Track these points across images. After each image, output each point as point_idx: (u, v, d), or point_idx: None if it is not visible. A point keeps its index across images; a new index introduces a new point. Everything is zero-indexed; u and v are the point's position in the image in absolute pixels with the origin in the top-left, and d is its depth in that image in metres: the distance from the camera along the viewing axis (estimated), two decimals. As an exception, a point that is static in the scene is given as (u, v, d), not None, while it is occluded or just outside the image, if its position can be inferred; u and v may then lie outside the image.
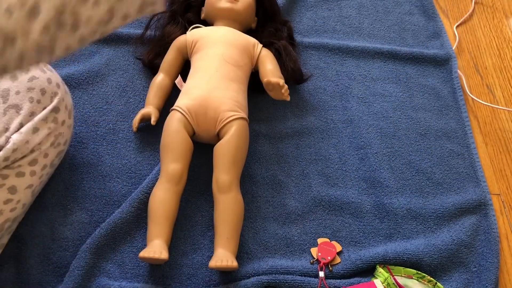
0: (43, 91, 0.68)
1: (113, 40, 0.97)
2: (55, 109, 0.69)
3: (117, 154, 0.84)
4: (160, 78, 0.89)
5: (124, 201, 0.78)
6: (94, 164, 0.83)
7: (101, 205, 0.79)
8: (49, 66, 0.72)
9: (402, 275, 0.76)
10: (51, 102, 0.69)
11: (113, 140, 0.86)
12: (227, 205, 0.74)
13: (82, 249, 0.72)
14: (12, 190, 0.65)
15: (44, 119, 0.68)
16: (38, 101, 0.67)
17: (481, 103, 1.01)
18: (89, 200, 0.79)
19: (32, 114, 0.66)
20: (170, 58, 0.90)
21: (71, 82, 0.91)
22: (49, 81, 0.70)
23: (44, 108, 0.68)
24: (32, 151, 0.66)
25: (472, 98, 1.01)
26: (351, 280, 0.75)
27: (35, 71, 0.68)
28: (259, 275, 0.73)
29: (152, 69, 0.93)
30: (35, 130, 0.66)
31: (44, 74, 0.69)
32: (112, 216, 0.76)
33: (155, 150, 0.84)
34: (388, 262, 0.77)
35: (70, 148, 0.83)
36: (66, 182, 0.80)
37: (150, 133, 0.86)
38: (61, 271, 0.72)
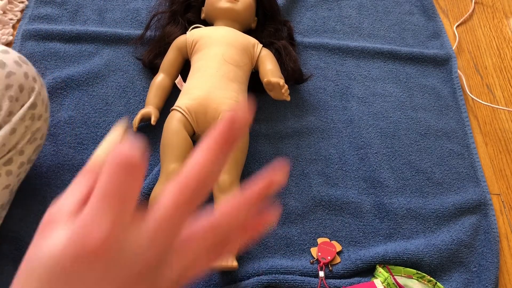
0: (21, 88, 0.65)
1: (113, 40, 0.97)
2: (33, 106, 0.66)
3: (117, 155, 0.84)
4: (160, 78, 0.89)
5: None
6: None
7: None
8: (23, 58, 0.68)
9: (402, 275, 0.76)
10: (29, 98, 0.66)
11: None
12: (227, 205, 0.74)
13: None
14: None
15: (22, 118, 0.65)
16: (17, 99, 0.64)
17: (481, 103, 1.01)
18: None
19: (10, 114, 0.64)
20: (170, 58, 0.90)
21: (71, 83, 0.91)
22: (26, 75, 0.66)
23: (22, 105, 0.65)
24: (8, 151, 0.64)
25: (472, 98, 1.01)
26: (351, 280, 0.75)
27: (11, 66, 0.64)
28: (259, 275, 0.73)
29: (152, 69, 0.93)
30: (13, 131, 0.64)
31: (20, 69, 0.65)
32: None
33: (156, 151, 0.84)
34: (388, 262, 0.77)
35: (70, 149, 0.83)
36: (66, 183, 0.80)
37: (150, 133, 0.86)
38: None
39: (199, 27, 0.94)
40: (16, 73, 0.65)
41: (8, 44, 0.97)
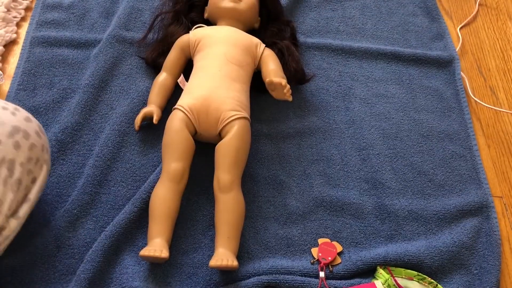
0: (37, 161, 0.63)
1: (116, 41, 0.97)
2: (44, 182, 0.65)
3: (121, 158, 0.84)
4: (162, 77, 0.89)
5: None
6: (98, 169, 0.82)
7: (106, 210, 0.78)
8: (41, 127, 0.66)
9: (403, 276, 0.75)
10: (41, 171, 0.65)
11: (117, 143, 0.85)
12: (228, 204, 0.74)
13: (89, 253, 0.72)
14: None
15: (36, 197, 0.64)
16: (31, 172, 0.63)
17: (484, 105, 1.00)
18: (94, 205, 0.78)
19: (26, 189, 0.62)
20: (172, 57, 0.90)
21: (76, 89, 0.90)
22: (43, 148, 0.64)
23: (33, 178, 0.63)
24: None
25: (475, 100, 1.01)
26: (352, 280, 0.75)
27: (34, 137, 0.63)
28: (259, 275, 0.73)
29: (155, 68, 0.93)
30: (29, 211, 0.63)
31: (40, 140, 0.64)
32: (116, 217, 0.75)
33: (159, 152, 0.84)
34: (389, 263, 0.76)
35: (73, 155, 0.83)
36: (77, 193, 0.79)
37: (154, 136, 0.86)
38: (67, 278, 0.71)
39: (202, 26, 0.94)
40: (37, 145, 0.63)
41: (12, 42, 0.98)
